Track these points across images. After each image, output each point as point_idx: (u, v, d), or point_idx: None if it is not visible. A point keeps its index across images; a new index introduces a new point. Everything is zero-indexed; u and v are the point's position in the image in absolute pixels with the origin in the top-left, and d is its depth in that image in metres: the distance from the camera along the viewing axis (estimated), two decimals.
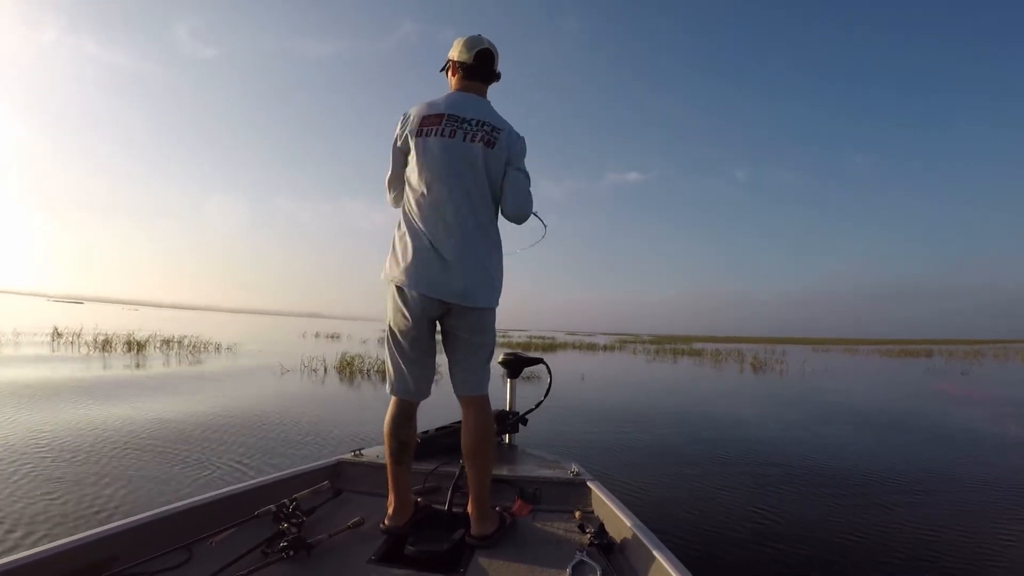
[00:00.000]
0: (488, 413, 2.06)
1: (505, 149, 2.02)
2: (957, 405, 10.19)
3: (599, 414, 7.59)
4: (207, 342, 17.16)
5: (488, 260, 2.01)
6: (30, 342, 14.81)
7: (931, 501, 4.03)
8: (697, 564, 2.01)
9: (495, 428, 2.13)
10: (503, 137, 2.02)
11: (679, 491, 4.10)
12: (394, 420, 2.07)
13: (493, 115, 2.07)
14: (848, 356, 30.26)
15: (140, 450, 4.52)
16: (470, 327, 2.00)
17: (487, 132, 2.01)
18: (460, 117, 2.03)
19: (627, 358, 22.87)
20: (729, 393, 11.32)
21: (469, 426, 2.04)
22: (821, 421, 7.72)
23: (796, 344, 54.39)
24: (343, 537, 1.97)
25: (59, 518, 3.02)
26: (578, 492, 2.44)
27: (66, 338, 15.49)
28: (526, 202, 2.05)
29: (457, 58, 2.13)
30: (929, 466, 5.12)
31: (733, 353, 26.50)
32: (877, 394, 11.76)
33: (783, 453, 5.47)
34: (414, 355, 2.05)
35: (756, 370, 17.45)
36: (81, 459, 4.15)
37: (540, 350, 24.16)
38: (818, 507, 3.80)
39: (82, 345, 14.42)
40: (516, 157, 2.05)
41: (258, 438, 5.18)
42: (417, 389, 2.07)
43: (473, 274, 1.95)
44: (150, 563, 1.65)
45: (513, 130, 2.07)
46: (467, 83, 2.13)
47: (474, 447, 2.01)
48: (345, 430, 5.73)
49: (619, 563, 1.85)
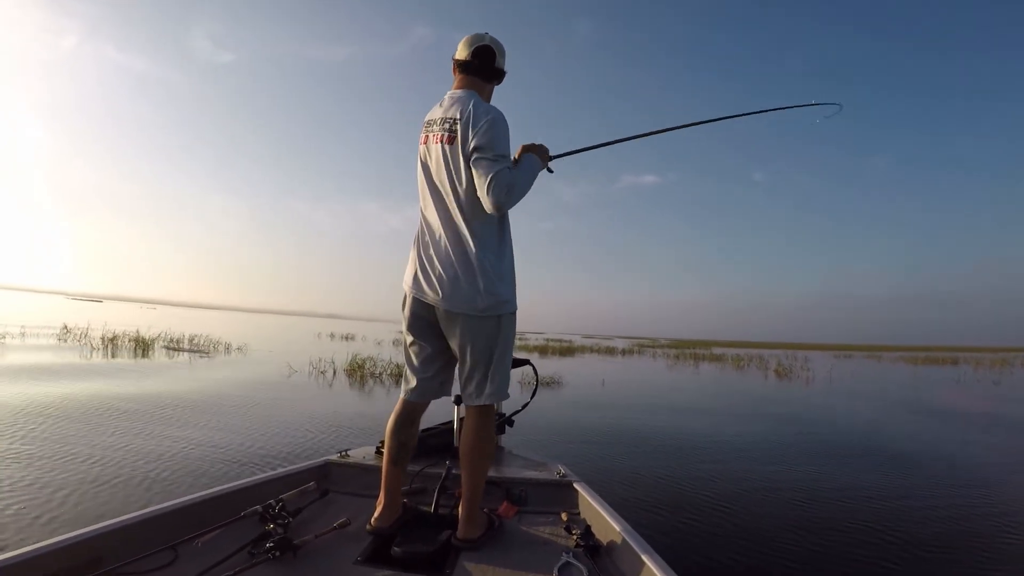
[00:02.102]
0: (483, 425, 2.01)
1: (465, 138, 1.90)
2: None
3: (632, 435, 6.99)
4: (216, 341, 16.84)
5: (477, 266, 1.92)
6: (33, 339, 14.61)
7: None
8: (685, 567, 1.97)
9: (488, 440, 2.04)
10: (462, 126, 1.91)
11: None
12: (397, 420, 2.10)
13: (460, 105, 1.96)
14: (873, 363, 29.61)
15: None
16: (462, 334, 1.97)
17: (447, 128, 1.95)
18: (431, 120, 2.03)
19: (648, 363, 22.41)
20: (774, 408, 10.68)
21: (463, 433, 2.04)
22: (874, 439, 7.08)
23: (818, 350, 53.61)
24: (329, 538, 1.96)
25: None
26: (565, 494, 2.44)
27: (74, 336, 15.21)
28: (498, 191, 1.83)
29: (456, 56, 2.10)
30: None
31: (755, 359, 25.91)
32: (920, 410, 11.03)
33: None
34: (417, 359, 2.09)
35: (781, 377, 16.97)
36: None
37: (558, 354, 23.82)
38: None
39: (81, 342, 14.13)
40: (479, 139, 1.88)
41: (230, 444, 4.68)
42: (419, 392, 2.10)
43: (457, 281, 1.92)
44: (136, 563, 1.63)
45: (479, 110, 1.93)
46: (463, 79, 2.08)
47: (464, 453, 2.01)
48: (332, 435, 5.23)
49: (606, 565, 1.85)
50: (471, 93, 2.01)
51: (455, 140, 1.92)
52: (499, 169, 1.84)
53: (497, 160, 1.86)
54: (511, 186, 1.85)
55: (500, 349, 1.99)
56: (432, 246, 1.98)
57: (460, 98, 1.99)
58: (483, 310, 1.92)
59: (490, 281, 1.91)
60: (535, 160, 2.07)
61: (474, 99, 1.98)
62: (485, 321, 1.95)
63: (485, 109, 1.95)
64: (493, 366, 1.98)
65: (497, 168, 1.84)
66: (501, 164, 1.86)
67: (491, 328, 1.96)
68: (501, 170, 1.84)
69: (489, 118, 1.91)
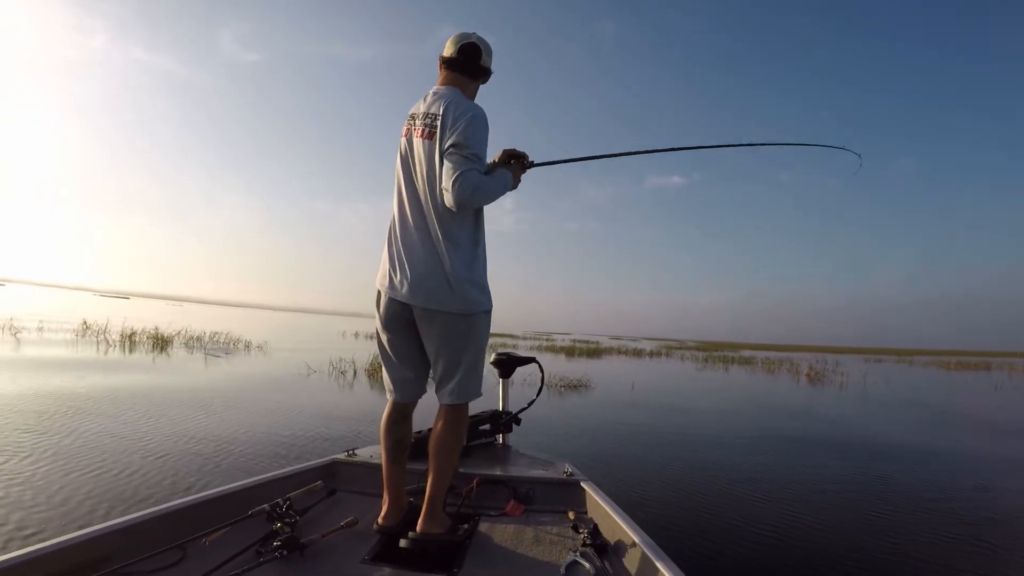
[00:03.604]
0: (456, 423, 2.03)
1: (443, 133, 1.89)
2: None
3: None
4: (237, 339, 16.77)
5: (449, 262, 1.91)
6: (56, 334, 14.62)
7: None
8: (693, 567, 1.97)
9: (458, 439, 2.05)
10: (440, 121, 1.91)
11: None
12: (388, 419, 2.12)
13: (442, 100, 1.95)
14: (904, 368, 28.85)
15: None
16: (434, 332, 1.98)
17: (427, 123, 1.94)
18: (414, 115, 2.02)
19: (676, 366, 21.93)
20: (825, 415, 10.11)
21: (434, 430, 2.04)
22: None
23: (847, 354, 52.51)
24: (337, 537, 1.97)
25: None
26: (572, 492, 2.42)
27: (93, 331, 15.02)
28: (462, 189, 1.81)
29: (443, 53, 2.10)
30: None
31: (784, 363, 25.24)
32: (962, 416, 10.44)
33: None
34: (393, 358, 2.10)
35: (813, 381, 16.48)
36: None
37: (585, 356, 23.49)
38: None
39: (98, 338, 14.08)
40: (457, 136, 1.86)
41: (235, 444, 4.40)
42: (401, 391, 2.10)
43: (433, 279, 1.91)
44: (144, 562, 1.64)
45: (461, 107, 1.93)
46: (447, 75, 2.08)
47: (433, 450, 2.01)
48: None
49: (613, 564, 1.85)
50: (454, 90, 2.03)
51: (434, 136, 1.92)
52: (468, 168, 1.83)
53: (469, 159, 1.85)
54: (477, 188, 1.84)
55: (474, 348, 2.01)
56: (406, 243, 1.97)
57: (443, 94, 2.00)
58: (459, 309, 1.93)
59: (464, 280, 1.93)
60: (508, 178, 2.07)
61: (457, 96, 2.00)
62: (460, 320, 1.95)
63: (467, 107, 1.95)
64: (467, 365, 2.00)
65: (467, 167, 1.83)
66: (472, 164, 1.85)
67: (465, 327, 1.97)
68: (470, 169, 1.83)
69: (469, 116, 1.90)
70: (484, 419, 3.01)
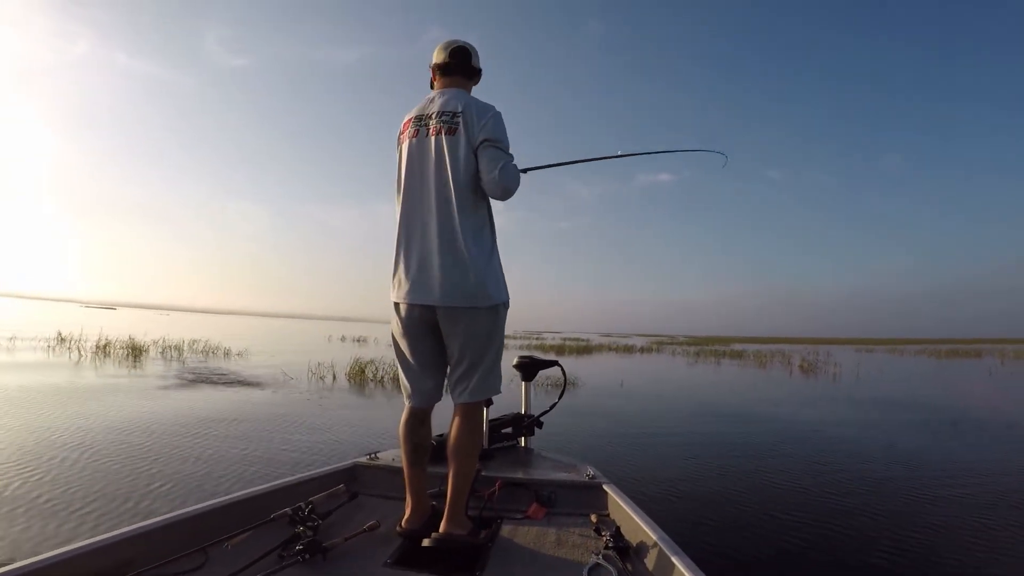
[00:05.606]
0: (470, 425, 2.02)
1: (470, 129, 1.95)
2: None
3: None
4: (216, 347, 16.37)
5: (471, 258, 1.92)
6: (27, 346, 14.15)
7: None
8: (718, 570, 1.98)
9: (475, 439, 2.04)
10: (463, 118, 1.96)
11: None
12: (406, 424, 2.10)
13: (458, 100, 2.01)
14: (896, 358, 28.97)
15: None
16: (459, 330, 1.97)
17: (445, 120, 1.97)
18: (423, 115, 2.04)
19: (668, 361, 21.87)
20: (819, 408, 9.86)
21: (451, 431, 2.03)
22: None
23: (839, 344, 53.05)
24: (359, 540, 1.95)
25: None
26: (594, 495, 2.41)
27: (68, 343, 14.63)
28: (505, 177, 1.92)
29: (434, 61, 2.16)
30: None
31: (776, 355, 25.25)
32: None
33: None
34: (413, 364, 2.08)
35: (806, 373, 16.47)
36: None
37: (576, 353, 23.32)
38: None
39: (71, 350, 13.63)
40: (488, 132, 1.95)
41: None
42: (421, 396, 2.09)
43: (451, 274, 1.91)
44: (166, 566, 1.64)
45: (480, 105, 2.00)
46: (445, 80, 2.14)
47: (452, 451, 2.00)
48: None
49: (635, 566, 1.83)
50: (462, 90, 2.10)
51: (457, 131, 1.95)
52: (509, 160, 1.95)
53: (506, 152, 1.96)
54: (517, 179, 1.96)
55: (497, 342, 2.04)
56: (423, 245, 1.97)
57: (456, 94, 2.05)
58: (483, 303, 1.94)
59: (486, 274, 1.95)
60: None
61: (469, 95, 2.07)
62: (484, 314, 1.96)
63: (487, 105, 2.02)
64: (488, 361, 2.01)
65: (507, 159, 1.95)
66: (510, 157, 1.97)
67: (490, 321, 1.99)
68: (511, 160, 1.96)
69: (493, 113, 1.98)
70: (506, 422, 2.99)
